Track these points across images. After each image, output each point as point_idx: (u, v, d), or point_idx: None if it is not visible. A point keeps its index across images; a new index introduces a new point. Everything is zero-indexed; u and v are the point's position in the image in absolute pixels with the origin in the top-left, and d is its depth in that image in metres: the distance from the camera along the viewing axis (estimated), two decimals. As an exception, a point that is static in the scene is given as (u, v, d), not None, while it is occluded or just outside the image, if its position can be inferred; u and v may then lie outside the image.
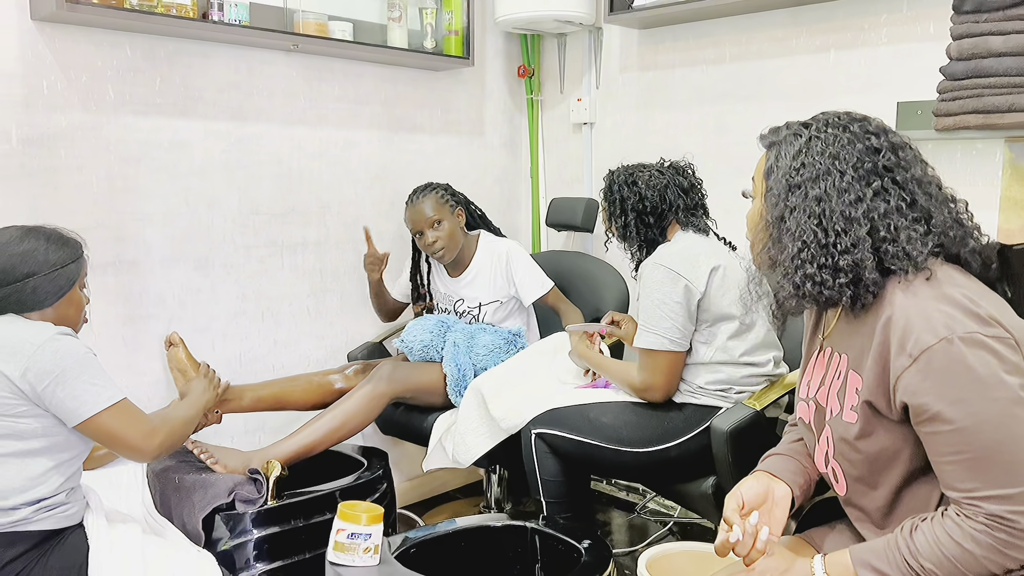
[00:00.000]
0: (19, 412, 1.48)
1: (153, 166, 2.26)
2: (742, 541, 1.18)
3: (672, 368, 1.94)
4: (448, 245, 2.46)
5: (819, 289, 1.14)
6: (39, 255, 1.55)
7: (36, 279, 1.54)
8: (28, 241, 1.55)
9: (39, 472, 1.51)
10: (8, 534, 1.48)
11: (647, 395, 1.97)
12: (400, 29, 2.63)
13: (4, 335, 1.49)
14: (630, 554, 2.55)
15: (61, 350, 1.49)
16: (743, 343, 1.95)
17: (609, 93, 2.96)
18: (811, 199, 1.14)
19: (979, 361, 1.02)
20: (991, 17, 1.88)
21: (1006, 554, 1.03)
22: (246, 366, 2.50)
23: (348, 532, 1.55)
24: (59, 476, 1.53)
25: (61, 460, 1.54)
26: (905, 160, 1.15)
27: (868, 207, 1.12)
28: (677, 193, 2.03)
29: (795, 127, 1.21)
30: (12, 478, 1.48)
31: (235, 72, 2.40)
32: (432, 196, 2.47)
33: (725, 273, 1.93)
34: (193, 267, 2.37)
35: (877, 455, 1.15)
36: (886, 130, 1.17)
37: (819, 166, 1.14)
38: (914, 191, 1.13)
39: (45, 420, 1.50)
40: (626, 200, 2.03)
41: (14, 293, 1.53)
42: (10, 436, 1.48)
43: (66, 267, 1.58)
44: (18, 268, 1.53)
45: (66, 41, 2.09)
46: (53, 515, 1.52)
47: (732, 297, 1.93)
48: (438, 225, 2.45)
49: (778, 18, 2.48)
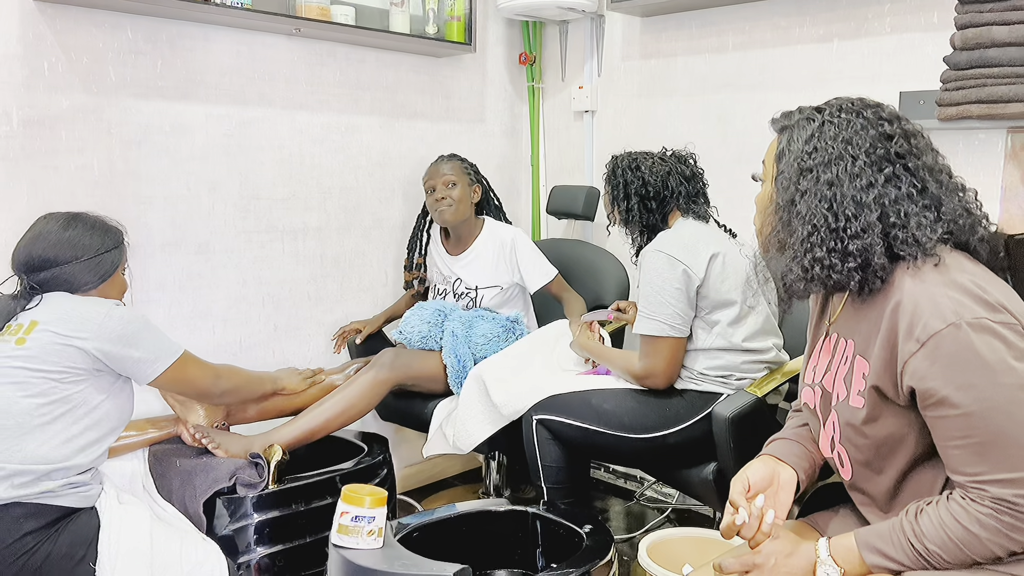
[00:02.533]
0: (78, 378, 1.60)
1: (154, 150, 2.25)
2: (748, 524, 1.19)
3: (673, 354, 1.94)
4: (454, 207, 2.50)
5: (828, 273, 1.14)
6: (83, 241, 1.68)
7: (80, 263, 1.67)
8: (72, 229, 1.68)
9: (78, 442, 1.59)
10: (32, 505, 1.52)
11: (648, 382, 1.98)
12: (402, 14, 2.61)
13: (67, 310, 1.62)
14: (628, 541, 2.57)
15: (125, 316, 1.65)
16: (743, 329, 1.95)
17: (611, 81, 2.96)
18: (823, 183, 1.14)
19: (987, 347, 1.03)
20: (995, 7, 1.88)
21: (1011, 537, 1.03)
22: (246, 351, 2.50)
23: (352, 515, 1.55)
24: (93, 451, 1.62)
25: (98, 435, 1.63)
26: (917, 147, 1.15)
27: (879, 193, 1.12)
28: (679, 180, 2.04)
29: (808, 111, 1.21)
30: (53, 442, 1.56)
31: (237, 56, 2.39)
32: (457, 162, 2.56)
33: (725, 260, 1.94)
34: (194, 251, 2.36)
35: (883, 440, 1.16)
36: (899, 117, 1.18)
37: (832, 151, 1.14)
38: (925, 178, 1.14)
39: (97, 390, 1.63)
40: (629, 184, 2.04)
41: (61, 274, 1.66)
42: (61, 402, 1.58)
43: (109, 252, 1.72)
44: (63, 254, 1.66)
45: (67, 22, 2.07)
46: (76, 493, 1.58)
47: (732, 284, 1.94)
48: (452, 186, 2.50)
49: (781, 7, 2.47)
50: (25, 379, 1.56)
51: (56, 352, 1.58)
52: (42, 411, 1.56)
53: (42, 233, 1.67)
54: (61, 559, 1.52)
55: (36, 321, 1.60)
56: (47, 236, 1.66)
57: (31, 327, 1.59)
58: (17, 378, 1.55)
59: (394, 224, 2.82)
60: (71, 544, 1.53)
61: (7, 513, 1.51)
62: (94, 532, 1.55)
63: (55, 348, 1.57)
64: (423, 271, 2.69)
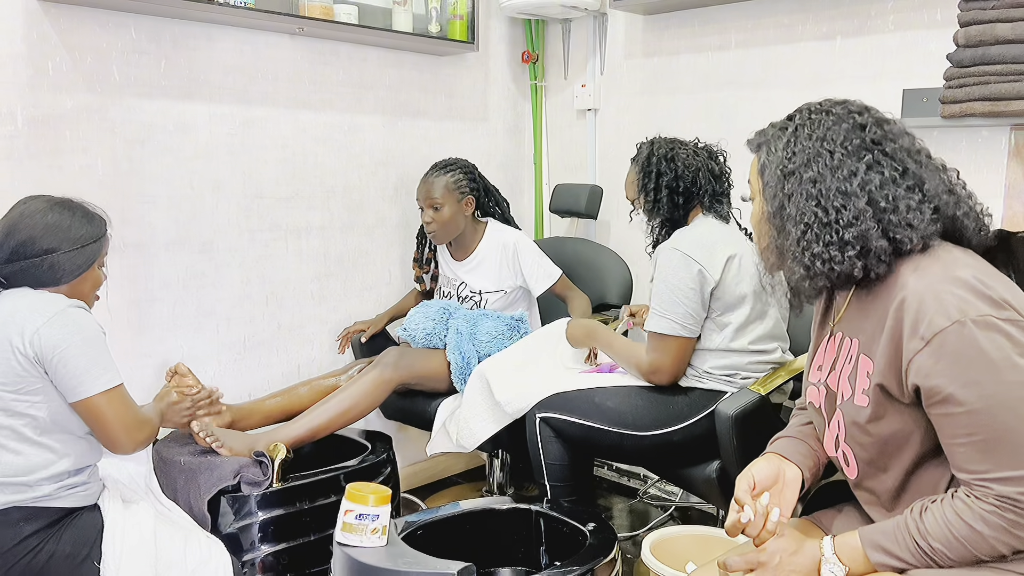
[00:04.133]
0: (32, 389, 1.49)
1: (158, 149, 2.26)
2: (753, 521, 1.19)
3: (682, 353, 1.94)
4: (440, 231, 2.48)
5: (829, 266, 1.15)
6: (63, 231, 1.54)
7: (56, 256, 1.54)
8: (54, 213, 1.55)
9: (57, 448, 1.53)
10: (30, 508, 1.50)
11: (654, 378, 1.98)
12: (405, 13, 2.62)
13: (16, 307, 1.49)
14: (632, 539, 2.57)
15: (70, 324, 1.49)
16: (753, 332, 1.95)
17: (613, 79, 2.96)
18: (806, 182, 1.16)
19: (991, 344, 1.03)
20: (998, 4, 1.88)
21: (1016, 535, 1.04)
22: (251, 350, 2.50)
23: (356, 513, 1.56)
24: (75, 451, 1.55)
25: (75, 436, 1.56)
26: (892, 132, 1.17)
27: (863, 180, 1.14)
28: (708, 178, 2.02)
29: (780, 123, 1.24)
30: (31, 456, 1.51)
31: (240, 55, 2.39)
32: (445, 179, 2.48)
33: (741, 262, 1.93)
34: (198, 250, 2.36)
35: (888, 438, 1.16)
36: (868, 108, 1.20)
37: (809, 150, 1.17)
38: (904, 160, 1.15)
39: (52, 395, 1.51)
40: (662, 176, 2.01)
41: (31, 268, 1.53)
42: (24, 416, 1.50)
43: (88, 246, 1.57)
44: (39, 242, 1.52)
45: (71, 22, 2.07)
46: (74, 493, 1.55)
47: (746, 286, 1.93)
48: (438, 209, 2.47)
49: (784, 4, 2.47)
50: None
51: (3, 361, 1.46)
52: (9, 423, 1.49)
53: (24, 214, 1.54)
54: (65, 558, 1.51)
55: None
56: (28, 219, 1.53)
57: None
58: None
59: (397, 223, 2.82)
60: (75, 543, 1.52)
61: (6, 517, 1.49)
62: (98, 531, 1.55)
63: (2, 357, 1.46)
64: (434, 267, 2.68)
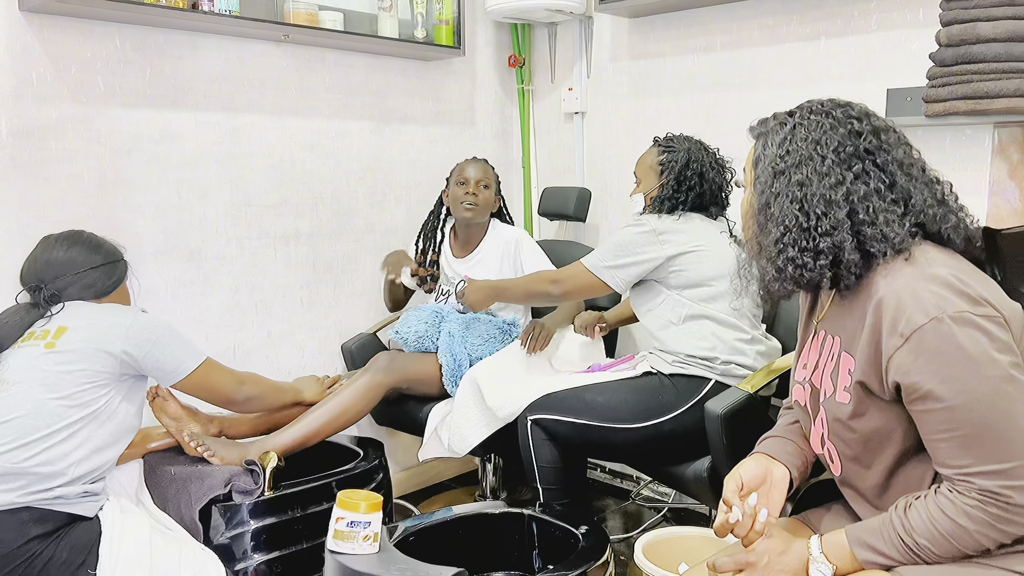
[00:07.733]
0: (104, 383, 1.64)
1: (144, 158, 2.25)
2: (741, 522, 1.20)
3: (586, 288, 2.07)
4: (480, 206, 2.53)
5: (800, 272, 1.16)
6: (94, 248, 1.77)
7: (96, 270, 1.75)
8: (74, 248, 1.76)
9: (97, 447, 1.63)
10: (41, 510, 1.54)
11: (551, 288, 2.10)
12: (391, 19, 2.62)
13: (94, 315, 1.69)
14: (625, 540, 2.57)
15: (151, 322, 1.72)
16: (722, 303, 2.00)
17: (600, 82, 2.96)
18: (793, 184, 1.16)
19: (969, 340, 1.04)
20: (980, 3, 1.89)
21: (999, 528, 1.04)
22: (240, 358, 2.49)
23: (348, 520, 1.56)
24: (109, 456, 1.66)
25: (114, 441, 1.67)
26: (887, 143, 1.17)
27: (848, 190, 1.14)
28: (715, 191, 2.10)
29: (781, 116, 1.24)
30: (76, 446, 1.60)
31: (226, 63, 2.39)
32: (492, 170, 2.62)
33: (711, 252, 1.98)
34: (186, 259, 2.36)
35: (870, 435, 1.16)
36: (869, 114, 1.20)
37: (802, 152, 1.17)
38: (894, 173, 1.16)
39: (119, 395, 1.68)
40: (687, 182, 2.07)
41: (80, 280, 1.73)
42: (85, 406, 1.62)
43: (118, 261, 1.80)
44: (76, 262, 1.74)
45: (55, 32, 2.07)
46: (87, 502, 1.60)
47: (712, 272, 1.98)
48: (484, 187, 2.55)
49: (768, 6, 2.48)
50: (55, 381, 1.59)
51: (86, 356, 1.62)
52: (68, 414, 1.59)
53: (49, 243, 1.75)
54: (61, 565, 1.52)
55: (65, 326, 1.65)
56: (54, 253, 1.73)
57: (59, 332, 1.64)
58: (47, 380, 1.59)
59: (386, 228, 2.83)
60: (71, 550, 1.54)
61: (15, 517, 1.51)
62: (94, 539, 1.56)
63: (85, 352, 1.62)
64: (437, 269, 2.68)
